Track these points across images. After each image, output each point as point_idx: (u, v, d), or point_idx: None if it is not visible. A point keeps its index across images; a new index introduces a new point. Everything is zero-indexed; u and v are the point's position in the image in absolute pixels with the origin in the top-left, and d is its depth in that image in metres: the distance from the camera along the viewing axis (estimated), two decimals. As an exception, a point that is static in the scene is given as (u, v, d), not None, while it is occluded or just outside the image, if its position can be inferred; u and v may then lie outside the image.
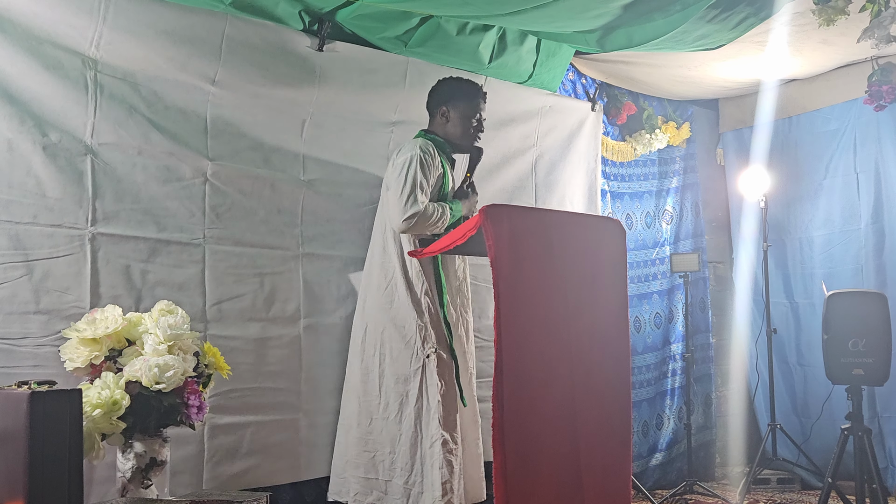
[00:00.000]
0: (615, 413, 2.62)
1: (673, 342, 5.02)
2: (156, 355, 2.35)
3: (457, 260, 3.29)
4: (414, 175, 3.07)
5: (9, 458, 1.96)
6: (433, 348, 3.07)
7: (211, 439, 3.03)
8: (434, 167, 3.17)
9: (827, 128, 4.98)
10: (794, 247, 5.12)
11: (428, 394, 3.05)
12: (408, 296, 3.12)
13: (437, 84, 3.36)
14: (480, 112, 3.33)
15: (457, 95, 3.30)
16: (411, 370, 3.08)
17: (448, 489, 2.94)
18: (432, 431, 3.01)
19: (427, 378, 3.06)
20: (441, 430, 2.99)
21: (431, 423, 3.02)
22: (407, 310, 3.11)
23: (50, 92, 2.72)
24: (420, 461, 3.02)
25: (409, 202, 3.03)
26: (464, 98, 3.30)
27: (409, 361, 3.09)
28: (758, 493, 4.60)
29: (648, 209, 5.03)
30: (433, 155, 3.17)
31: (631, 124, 4.89)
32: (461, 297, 3.30)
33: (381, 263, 3.21)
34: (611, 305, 2.67)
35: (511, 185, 4.06)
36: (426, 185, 3.11)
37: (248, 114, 3.21)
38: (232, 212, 3.16)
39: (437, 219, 3.10)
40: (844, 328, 3.76)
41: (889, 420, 4.54)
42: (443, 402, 3.03)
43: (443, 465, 2.95)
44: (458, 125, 3.30)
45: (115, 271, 2.84)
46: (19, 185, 2.66)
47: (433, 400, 3.04)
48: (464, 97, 3.30)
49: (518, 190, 4.10)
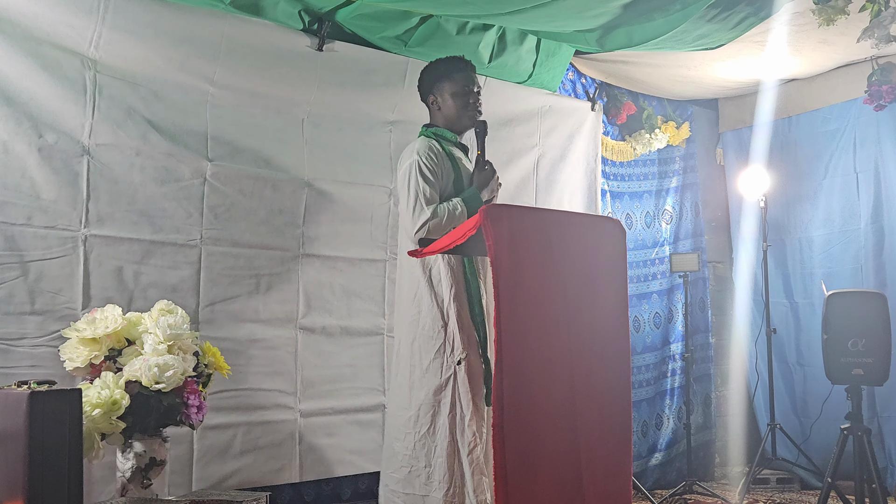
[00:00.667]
0: (615, 413, 2.61)
1: (672, 342, 5.02)
2: (155, 355, 2.34)
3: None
4: (416, 184, 2.95)
5: (8, 457, 1.95)
6: (463, 354, 2.95)
7: (201, 439, 3.02)
8: (438, 164, 3.01)
9: (826, 128, 4.97)
10: (793, 247, 5.12)
11: (462, 402, 2.94)
12: (433, 304, 2.98)
13: (420, 74, 3.19)
14: (469, 85, 3.09)
15: (439, 78, 3.11)
16: (442, 380, 2.96)
17: (486, 491, 2.88)
18: (468, 438, 2.92)
19: (459, 386, 2.95)
20: (476, 436, 2.92)
21: (467, 431, 2.93)
22: (434, 318, 2.98)
23: (48, 93, 2.72)
24: (459, 471, 2.92)
25: (416, 212, 2.92)
26: (446, 77, 3.09)
27: (440, 371, 2.97)
28: (757, 492, 4.60)
29: (648, 209, 5.03)
30: (435, 151, 3.02)
31: (631, 124, 4.89)
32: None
33: (408, 275, 3.09)
34: (611, 305, 2.67)
35: (513, 185, 4.06)
36: (430, 190, 2.95)
37: (248, 114, 3.21)
38: (231, 212, 3.16)
39: (451, 216, 2.94)
40: (844, 328, 3.76)
41: (889, 420, 4.54)
42: (475, 408, 2.94)
43: (483, 471, 2.90)
44: (451, 106, 3.10)
45: (108, 273, 2.84)
46: (14, 187, 2.66)
47: (467, 408, 2.93)
48: (446, 77, 3.09)
49: (520, 189, 4.10)
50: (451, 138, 3.13)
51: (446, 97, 3.09)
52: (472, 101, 3.10)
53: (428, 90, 3.14)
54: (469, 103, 3.10)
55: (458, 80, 3.09)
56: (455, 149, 3.13)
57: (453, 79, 3.09)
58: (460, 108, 3.09)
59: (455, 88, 3.08)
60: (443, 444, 2.93)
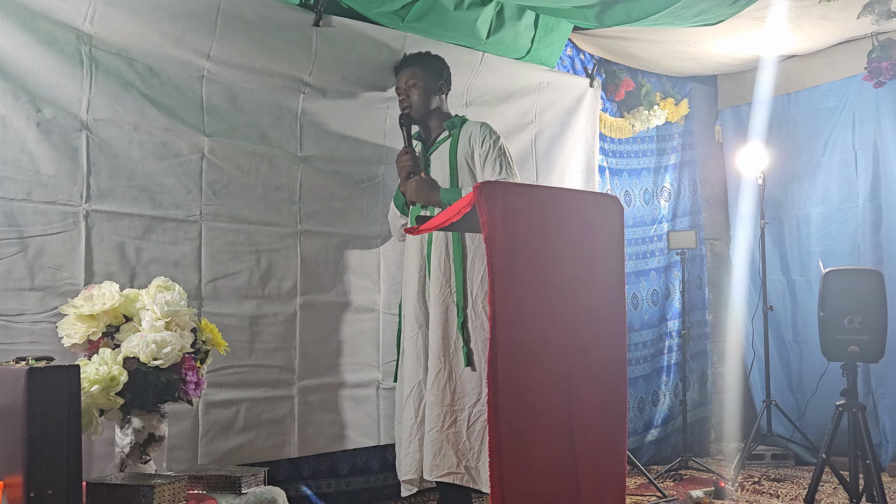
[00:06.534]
0: (611, 390, 2.63)
1: (669, 319, 5.04)
2: (153, 332, 2.35)
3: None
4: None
5: (7, 433, 1.97)
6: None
7: (205, 415, 3.05)
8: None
9: (826, 104, 4.96)
10: (791, 224, 5.12)
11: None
12: (440, 276, 3.22)
13: (442, 63, 3.45)
14: (401, 82, 3.40)
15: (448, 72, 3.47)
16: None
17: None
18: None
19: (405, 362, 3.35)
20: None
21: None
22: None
23: (44, 67, 2.70)
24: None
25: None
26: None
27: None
28: (752, 468, 4.64)
29: (647, 186, 5.02)
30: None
31: (629, 101, 4.87)
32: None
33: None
34: (608, 282, 2.67)
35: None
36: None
37: (244, 89, 3.20)
38: (229, 188, 3.15)
39: (391, 221, 3.51)
40: (840, 305, 3.77)
41: (883, 397, 4.57)
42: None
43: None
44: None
45: (110, 248, 2.84)
46: (13, 162, 2.65)
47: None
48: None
49: (519, 166, 4.06)
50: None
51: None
52: (402, 99, 3.41)
53: (447, 82, 3.44)
54: (401, 100, 3.43)
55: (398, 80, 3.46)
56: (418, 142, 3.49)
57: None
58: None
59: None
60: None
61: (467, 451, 3.09)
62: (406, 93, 3.34)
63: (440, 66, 3.41)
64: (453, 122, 3.35)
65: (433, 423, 3.11)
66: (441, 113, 3.39)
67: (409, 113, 3.33)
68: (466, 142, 3.26)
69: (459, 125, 3.33)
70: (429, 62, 3.39)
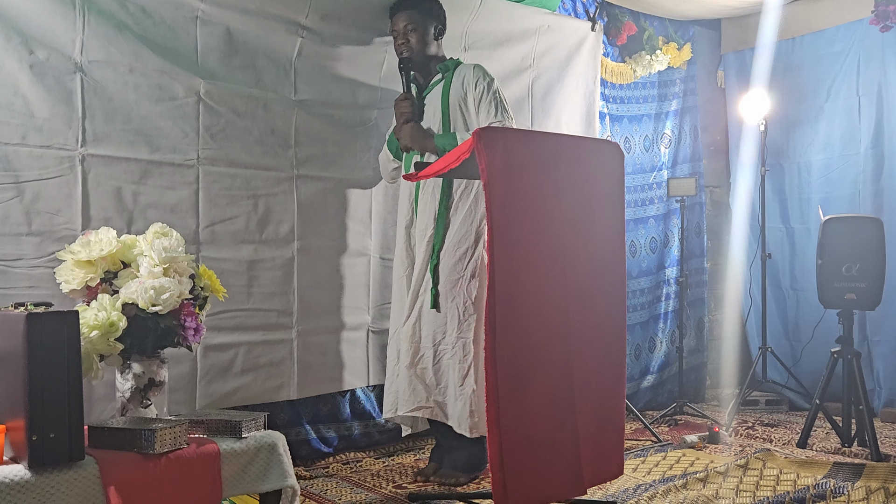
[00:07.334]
0: (610, 336, 2.64)
1: (668, 266, 5.04)
2: (151, 278, 2.34)
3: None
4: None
5: (8, 377, 1.98)
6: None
7: (204, 358, 3.08)
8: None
9: (831, 49, 4.89)
10: (792, 171, 5.09)
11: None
12: (424, 221, 3.26)
13: (440, 7, 3.39)
14: (398, 25, 3.34)
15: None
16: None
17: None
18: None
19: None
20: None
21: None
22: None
23: (36, 7, 2.65)
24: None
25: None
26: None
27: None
28: (746, 413, 4.70)
29: (647, 132, 4.98)
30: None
31: (631, 45, 4.79)
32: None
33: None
34: (607, 230, 2.66)
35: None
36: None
37: (239, 31, 3.15)
38: (226, 132, 3.12)
39: (381, 163, 3.51)
40: (839, 253, 3.77)
41: (878, 343, 4.61)
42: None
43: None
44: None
45: (106, 193, 2.83)
46: (6, 105, 2.62)
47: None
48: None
49: (515, 111, 4.03)
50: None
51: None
52: (400, 43, 3.38)
53: (444, 25, 3.38)
54: (398, 44, 3.39)
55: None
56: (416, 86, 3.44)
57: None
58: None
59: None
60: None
61: (434, 387, 3.19)
62: (405, 37, 3.29)
63: (438, 10, 3.35)
64: (447, 64, 3.32)
65: (405, 359, 3.22)
66: (437, 57, 3.36)
67: (410, 57, 3.29)
68: (459, 85, 3.23)
69: (453, 68, 3.29)
70: (427, 6, 3.33)
